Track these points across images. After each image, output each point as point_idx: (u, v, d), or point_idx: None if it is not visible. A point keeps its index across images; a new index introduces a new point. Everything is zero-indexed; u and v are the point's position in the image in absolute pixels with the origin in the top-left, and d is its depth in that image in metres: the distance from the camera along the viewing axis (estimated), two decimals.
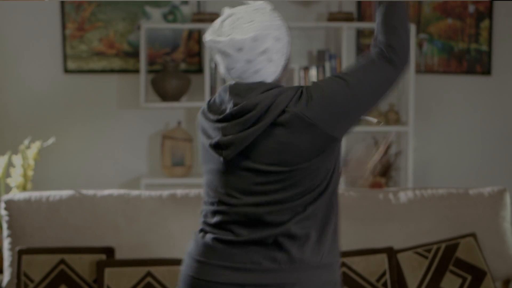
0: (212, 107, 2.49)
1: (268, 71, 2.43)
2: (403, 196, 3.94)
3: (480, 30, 5.48)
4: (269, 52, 2.42)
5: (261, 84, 2.41)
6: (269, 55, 2.42)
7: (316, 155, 2.38)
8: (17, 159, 4.99)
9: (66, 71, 5.55)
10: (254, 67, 2.41)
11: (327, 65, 5.41)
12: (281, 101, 2.36)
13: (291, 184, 2.40)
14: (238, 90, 2.42)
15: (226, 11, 2.48)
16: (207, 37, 2.45)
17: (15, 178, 4.96)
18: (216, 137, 2.43)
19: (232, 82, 2.47)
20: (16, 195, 3.90)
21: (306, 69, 5.42)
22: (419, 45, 5.58)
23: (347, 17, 5.42)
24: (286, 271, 2.41)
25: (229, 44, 2.39)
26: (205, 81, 5.36)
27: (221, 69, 2.48)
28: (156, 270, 3.64)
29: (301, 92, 2.39)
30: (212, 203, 2.50)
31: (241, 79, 2.44)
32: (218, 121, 2.43)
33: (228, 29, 2.42)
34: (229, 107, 2.41)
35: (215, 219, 2.47)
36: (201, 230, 2.52)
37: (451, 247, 3.74)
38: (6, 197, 3.90)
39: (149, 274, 3.64)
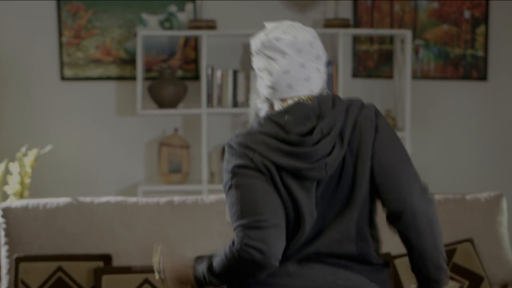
0: (273, 132, 2.35)
1: (316, 82, 2.40)
2: None
3: (476, 36, 5.49)
4: (319, 61, 2.41)
5: (322, 96, 2.38)
6: (319, 64, 2.41)
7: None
8: (14, 167, 4.99)
9: (63, 78, 5.55)
10: (305, 73, 2.38)
11: None
12: (353, 111, 2.36)
13: None
14: (304, 110, 2.35)
15: (270, 24, 2.43)
16: (266, 35, 2.38)
17: (12, 186, 4.96)
18: (299, 161, 2.31)
19: (290, 102, 2.38)
20: (13, 202, 3.90)
21: None
22: (415, 51, 5.59)
23: (344, 24, 5.43)
24: None
25: (291, 43, 2.35)
26: (201, 88, 5.37)
27: (270, 76, 2.39)
28: (153, 277, 3.63)
29: (375, 111, 2.39)
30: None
31: (290, 87, 2.38)
32: (298, 144, 2.32)
33: (284, 31, 2.37)
34: (307, 128, 2.33)
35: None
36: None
37: (449, 252, 3.75)
38: (3, 204, 3.90)
39: (146, 281, 3.64)
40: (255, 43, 2.41)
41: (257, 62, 2.42)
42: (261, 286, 2.34)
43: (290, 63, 2.36)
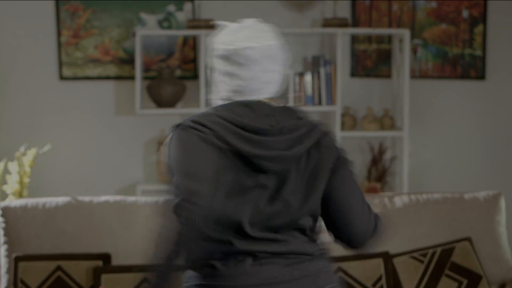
0: (234, 119, 2.35)
1: (276, 83, 2.42)
2: (399, 201, 3.95)
3: (474, 35, 5.50)
4: (281, 61, 2.42)
5: (288, 108, 2.41)
6: (280, 65, 2.42)
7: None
8: (13, 166, 4.99)
9: (62, 78, 5.56)
10: (270, 76, 2.39)
11: (322, 71, 5.42)
12: (318, 129, 2.39)
13: None
14: (265, 108, 2.37)
15: (230, 24, 2.40)
16: (237, 44, 2.35)
17: (11, 185, 4.97)
18: (254, 148, 2.32)
19: (242, 99, 2.38)
20: (13, 202, 3.91)
21: (301, 75, 5.44)
22: (414, 50, 5.60)
23: (342, 23, 5.44)
24: None
25: (264, 50, 2.35)
26: (200, 88, 5.37)
27: (235, 80, 2.37)
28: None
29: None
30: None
31: (254, 91, 2.37)
32: (258, 133, 2.33)
33: (254, 37, 2.36)
34: (268, 123, 2.34)
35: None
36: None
37: (447, 251, 3.76)
38: (2, 204, 3.90)
39: (145, 280, 3.64)
40: (223, 48, 2.37)
41: (221, 65, 2.39)
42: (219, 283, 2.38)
43: (258, 70, 2.36)
